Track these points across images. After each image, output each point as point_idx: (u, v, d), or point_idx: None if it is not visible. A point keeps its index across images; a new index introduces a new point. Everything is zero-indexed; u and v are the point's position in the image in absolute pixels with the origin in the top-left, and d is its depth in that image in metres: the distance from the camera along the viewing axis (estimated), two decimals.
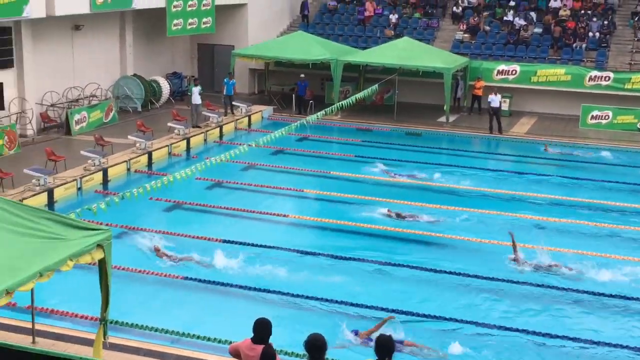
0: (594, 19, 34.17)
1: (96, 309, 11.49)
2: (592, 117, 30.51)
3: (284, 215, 19.40)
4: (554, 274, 16.14)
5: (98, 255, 10.40)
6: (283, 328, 12.10)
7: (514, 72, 32.15)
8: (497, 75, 32.21)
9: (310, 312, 14.17)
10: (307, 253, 16.88)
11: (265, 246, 17.12)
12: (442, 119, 30.65)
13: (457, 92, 32.74)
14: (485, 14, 35.89)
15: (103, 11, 27.35)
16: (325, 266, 16.38)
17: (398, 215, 19.39)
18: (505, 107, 30.95)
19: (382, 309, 13.99)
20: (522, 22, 34.62)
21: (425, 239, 18.03)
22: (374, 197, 20.83)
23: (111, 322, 11.72)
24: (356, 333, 12.99)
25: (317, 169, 23.87)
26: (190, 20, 31.92)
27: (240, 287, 14.86)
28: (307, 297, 14.51)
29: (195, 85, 28.21)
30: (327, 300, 14.42)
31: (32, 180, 19.66)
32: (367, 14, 36.74)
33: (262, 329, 8.27)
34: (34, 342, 11.91)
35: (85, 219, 12.15)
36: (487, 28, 34.93)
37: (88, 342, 11.88)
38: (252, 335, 8.34)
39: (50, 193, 19.56)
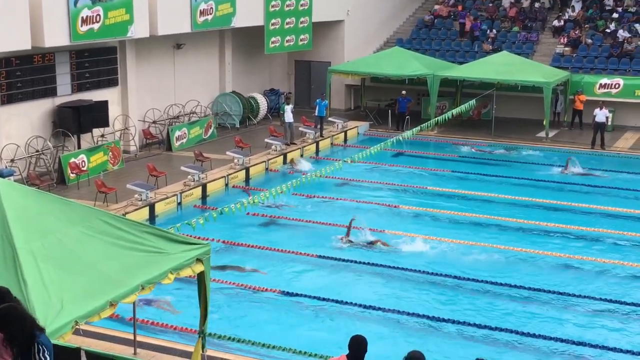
0: None
1: (195, 321, 11.73)
2: None
3: (381, 231, 19.31)
4: None
5: (198, 269, 10.61)
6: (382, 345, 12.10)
7: (617, 85, 31.20)
8: (599, 89, 31.32)
9: (403, 328, 14.09)
10: (400, 269, 16.78)
11: (357, 262, 17.15)
12: (542, 134, 30.00)
13: (556, 106, 32.01)
14: (586, 26, 35.03)
15: (203, 30, 28.04)
16: (420, 281, 16.28)
17: None
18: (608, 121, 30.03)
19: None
20: (626, 35, 33.60)
21: None
22: (469, 214, 20.61)
23: (209, 335, 11.91)
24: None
25: (413, 184, 23.73)
26: (287, 38, 32.34)
27: (337, 301, 14.93)
28: (400, 312, 14.48)
29: (287, 103, 28.41)
30: (421, 315, 14.36)
31: (134, 195, 20.21)
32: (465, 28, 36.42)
33: (357, 347, 8.19)
34: (135, 353, 12.19)
35: (184, 233, 12.43)
36: (589, 41, 34.03)
37: (187, 355, 12.11)
38: (347, 352, 8.30)
39: (152, 208, 20.06)
